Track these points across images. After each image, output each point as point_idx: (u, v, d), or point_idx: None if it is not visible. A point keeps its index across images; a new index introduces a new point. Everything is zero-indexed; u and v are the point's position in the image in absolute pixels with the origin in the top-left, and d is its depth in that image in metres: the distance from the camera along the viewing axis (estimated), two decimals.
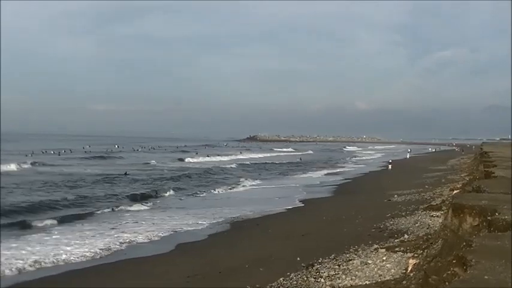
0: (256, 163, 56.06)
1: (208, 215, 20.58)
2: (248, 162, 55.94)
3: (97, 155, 66.96)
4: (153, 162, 54.07)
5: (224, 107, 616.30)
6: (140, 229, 17.28)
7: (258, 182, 35.97)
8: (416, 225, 15.05)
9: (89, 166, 48.54)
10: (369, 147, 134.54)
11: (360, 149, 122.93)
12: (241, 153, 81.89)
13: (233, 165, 49.99)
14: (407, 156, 71.71)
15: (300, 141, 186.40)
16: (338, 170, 48.20)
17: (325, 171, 46.20)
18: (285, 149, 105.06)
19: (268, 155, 79.61)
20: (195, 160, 61.43)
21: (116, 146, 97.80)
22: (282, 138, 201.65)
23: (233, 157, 68.97)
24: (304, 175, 42.68)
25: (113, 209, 21.95)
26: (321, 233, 15.76)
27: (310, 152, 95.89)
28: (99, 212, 21.14)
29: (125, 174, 38.76)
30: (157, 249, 14.60)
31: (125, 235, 16.19)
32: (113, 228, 17.50)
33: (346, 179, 37.17)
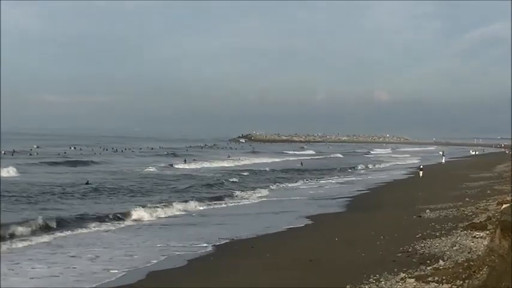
0: (271, 169, 57.78)
1: (194, 234, 20.65)
2: (254, 169, 57.18)
3: (48, 159, 66.58)
4: (126, 169, 53.86)
5: (202, 98, 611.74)
6: (105, 254, 17.21)
7: (264, 193, 37.02)
8: (455, 248, 15.07)
9: (38, 174, 48.24)
10: (397, 149, 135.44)
11: (389, 151, 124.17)
12: (229, 157, 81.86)
13: (234, 174, 50.72)
14: (443, 161, 72.25)
15: (306, 141, 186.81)
16: (358, 178, 49.10)
17: (344, 179, 48.32)
18: (302, 152, 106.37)
19: (280, 159, 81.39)
20: (186, 166, 62.58)
21: (72, 148, 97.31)
22: (283, 138, 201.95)
23: (230, 164, 69.49)
24: (322, 181, 46.42)
25: (72, 229, 21.81)
26: (332, 258, 15.75)
27: (339, 155, 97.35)
28: (51, 234, 20.92)
29: (87, 183, 38.62)
30: (123, 278, 14.49)
31: (84, 262, 16.12)
32: (63, 253, 17.44)
33: (366, 189, 37.39)
